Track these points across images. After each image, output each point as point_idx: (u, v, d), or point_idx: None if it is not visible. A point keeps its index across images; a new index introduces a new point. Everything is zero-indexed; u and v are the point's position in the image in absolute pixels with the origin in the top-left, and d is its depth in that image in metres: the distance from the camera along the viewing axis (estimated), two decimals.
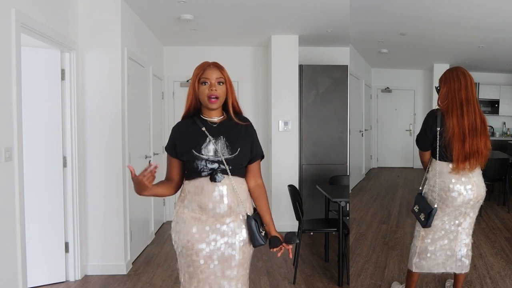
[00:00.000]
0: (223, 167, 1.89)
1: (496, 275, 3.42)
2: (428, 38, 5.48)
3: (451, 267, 2.69)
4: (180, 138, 1.96)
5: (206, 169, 1.89)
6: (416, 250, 2.68)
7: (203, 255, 1.90)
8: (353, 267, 3.63)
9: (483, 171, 2.62)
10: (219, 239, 1.91)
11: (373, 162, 7.03)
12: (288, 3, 4.11)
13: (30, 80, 3.34)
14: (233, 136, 1.94)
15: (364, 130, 6.42)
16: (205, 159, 1.89)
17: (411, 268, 2.72)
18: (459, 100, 2.48)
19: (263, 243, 1.92)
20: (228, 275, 1.92)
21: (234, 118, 1.96)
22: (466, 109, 2.46)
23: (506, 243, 4.19)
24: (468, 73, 2.58)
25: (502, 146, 8.11)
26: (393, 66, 7.36)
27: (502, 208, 5.55)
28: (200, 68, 1.94)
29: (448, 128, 2.45)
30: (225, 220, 1.91)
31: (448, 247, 2.66)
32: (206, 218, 1.91)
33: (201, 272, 1.91)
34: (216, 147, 1.90)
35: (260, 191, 2.02)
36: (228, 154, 1.91)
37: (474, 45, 5.98)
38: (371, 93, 7.30)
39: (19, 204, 2.75)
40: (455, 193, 2.49)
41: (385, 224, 4.73)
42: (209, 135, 1.91)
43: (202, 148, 1.90)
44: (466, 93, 2.50)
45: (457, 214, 2.58)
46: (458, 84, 2.51)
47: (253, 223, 1.91)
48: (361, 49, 6.07)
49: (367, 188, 6.04)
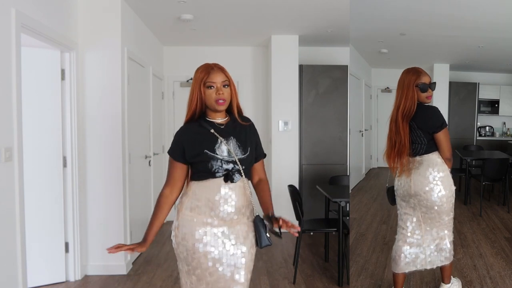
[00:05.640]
0: (237, 167, 1.89)
1: (496, 275, 3.42)
2: (428, 38, 5.48)
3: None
4: (188, 142, 1.92)
5: (221, 169, 1.88)
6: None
7: (212, 257, 1.88)
8: (353, 267, 3.63)
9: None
10: (228, 242, 1.89)
11: (373, 162, 7.02)
12: (288, 3, 4.11)
13: (30, 80, 3.34)
14: (243, 137, 1.95)
15: (364, 130, 6.41)
16: (220, 159, 1.88)
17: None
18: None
19: (269, 244, 1.90)
20: (237, 279, 1.91)
21: (238, 119, 1.97)
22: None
23: (506, 243, 4.19)
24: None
25: (502, 146, 8.12)
26: (393, 66, 7.34)
27: (502, 208, 5.55)
28: (204, 72, 1.90)
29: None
30: (233, 222, 1.91)
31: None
32: (214, 220, 1.89)
33: (209, 274, 1.89)
34: (229, 148, 1.90)
35: (264, 186, 2.04)
36: (241, 154, 1.91)
37: (474, 45, 5.98)
38: (371, 93, 7.29)
39: (19, 204, 2.75)
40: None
41: (385, 224, 4.73)
42: (219, 136, 1.90)
43: (216, 148, 1.89)
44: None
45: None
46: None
47: (260, 223, 1.90)
48: (361, 49, 6.07)
49: (367, 188, 6.03)
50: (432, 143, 2.63)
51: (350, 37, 5.29)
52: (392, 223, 4.80)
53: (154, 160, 5.13)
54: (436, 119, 2.59)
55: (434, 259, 2.80)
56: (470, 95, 8.53)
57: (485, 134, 8.74)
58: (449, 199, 2.66)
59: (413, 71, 2.63)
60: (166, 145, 5.80)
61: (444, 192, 2.62)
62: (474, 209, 5.46)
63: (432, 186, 2.62)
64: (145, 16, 4.47)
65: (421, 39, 5.55)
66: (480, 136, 8.70)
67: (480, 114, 8.71)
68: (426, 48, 6.19)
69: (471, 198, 5.78)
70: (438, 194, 2.62)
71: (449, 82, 7.96)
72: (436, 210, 2.66)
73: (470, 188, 5.88)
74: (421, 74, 2.60)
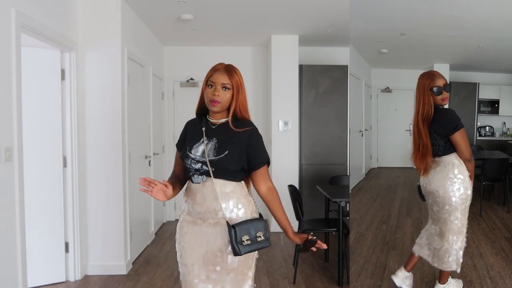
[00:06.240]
0: (206, 168, 1.87)
1: (496, 275, 3.42)
2: (428, 38, 5.48)
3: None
4: (187, 135, 1.99)
5: (192, 169, 1.90)
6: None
7: (196, 257, 1.91)
8: (353, 267, 3.63)
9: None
10: (206, 242, 1.90)
11: (373, 162, 7.02)
12: (288, 3, 4.11)
13: (30, 80, 3.34)
14: (225, 139, 1.90)
15: (364, 130, 6.41)
16: (191, 158, 1.89)
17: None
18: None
19: (239, 254, 1.82)
20: (214, 278, 1.90)
21: (231, 123, 1.91)
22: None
23: (506, 243, 4.19)
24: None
25: (502, 146, 8.11)
26: (393, 66, 7.35)
27: (502, 208, 5.55)
28: (211, 70, 1.93)
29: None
30: (211, 223, 1.90)
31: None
32: (197, 220, 1.92)
33: (192, 275, 1.92)
34: (205, 148, 1.89)
35: (272, 196, 1.97)
36: (213, 156, 1.87)
37: (474, 45, 5.97)
38: (371, 93, 7.29)
39: (19, 204, 2.75)
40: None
41: (385, 224, 4.73)
42: (205, 136, 1.91)
43: (194, 147, 1.91)
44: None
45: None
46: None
47: (231, 231, 1.81)
48: (361, 49, 6.06)
49: (367, 188, 6.03)
50: (449, 145, 2.69)
51: (350, 37, 5.29)
52: (392, 223, 4.80)
53: (154, 160, 5.13)
54: (450, 122, 2.65)
55: (434, 260, 2.85)
56: (470, 95, 8.53)
57: (485, 134, 8.74)
58: (461, 200, 2.69)
59: (427, 75, 2.71)
60: (166, 145, 5.80)
61: (457, 193, 2.67)
62: (474, 209, 5.46)
63: (446, 185, 2.67)
64: (145, 16, 4.47)
65: (421, 39, 5.55)
66: (480, 136, 8.69)
67: (480, 114, 8.70)
68: (426, 48, 6.19)
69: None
70: (450, 193, 2.66)
71: (449, 82, 7.95)
72: (447, 210, 2.70)
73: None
74: (435, 77, 2.68)
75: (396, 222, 4.82)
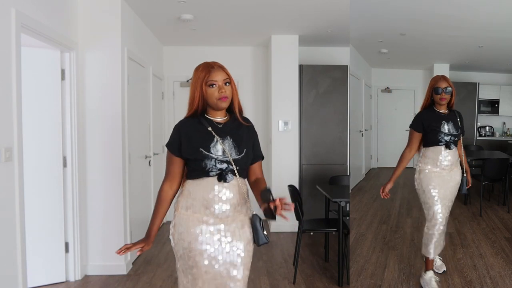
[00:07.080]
0: (231, 167, 1.89)
1: (496, 275, 3.42)
2: (428, 38, 5.48)
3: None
4: (186, 137, 1.92)
5: (215, 169, 1.88)
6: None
7: (207, 255, 1.88)
8: (353, 267, 3.63)
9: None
10: (224, 239, 1.90)
11: (373, 162, 7.02)
12: (288, 3, 4.11)
13: (30, 80, 3.34)
14: (239, 137, 1.94)
15: (364, 130, 6.41)
16: (214, 159, 1.88)
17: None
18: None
19: (266, 242, 1.93)
20: (234, 275, 1.91)
21: (239, 118, 1.96)
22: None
23: (506, 243, 4.19)
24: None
25: (502, 146, 8.11)
26: (393, 66, 7.34)
27: (502, 208, 5.55)
28: (205, 71, 1.89)
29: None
30: (229, 220, 1.91)
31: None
32: (210, 218, 1.90)
33: (205, 273, 1.89)
34: (224, 147, 1.89)
35: (261, 181, 2.04)
36: (236, 155, 1.91)
37: (474, 45, 5.97)
38: (371, 93, 7.29)
39: (19, 204, 2.75)
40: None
41: (385, 224, 4.73)
42: (216, 135, 1.90)
43: (211, 147, 1.89)
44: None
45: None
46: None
47: (258, 221, 1.93)
48: (361, 49, 6.06)
49: (367, 188, 6.03)
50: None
51: (350, 37, 5.29)
52: (392, 223, 4.80)
53: (154, 160, 5.13)
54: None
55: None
56: (470, 95, 8.52)
57: (485, 134, 8.74)
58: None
59: (434, 77, 3.16)
60: None
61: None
62: (474, 209, 5.46)
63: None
64: (145, 16, 4.47)
65: (421, 39, 5.55)
66: (480, 136, 8.69)
67: (480, 114, 8.70)
68: (426, 48, 6.18)
69: (471, 198, 5.78)
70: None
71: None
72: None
73: (470, 188, 5.87)
74: (440, 79, 3.10)
75: (396, 222, 4.82)
